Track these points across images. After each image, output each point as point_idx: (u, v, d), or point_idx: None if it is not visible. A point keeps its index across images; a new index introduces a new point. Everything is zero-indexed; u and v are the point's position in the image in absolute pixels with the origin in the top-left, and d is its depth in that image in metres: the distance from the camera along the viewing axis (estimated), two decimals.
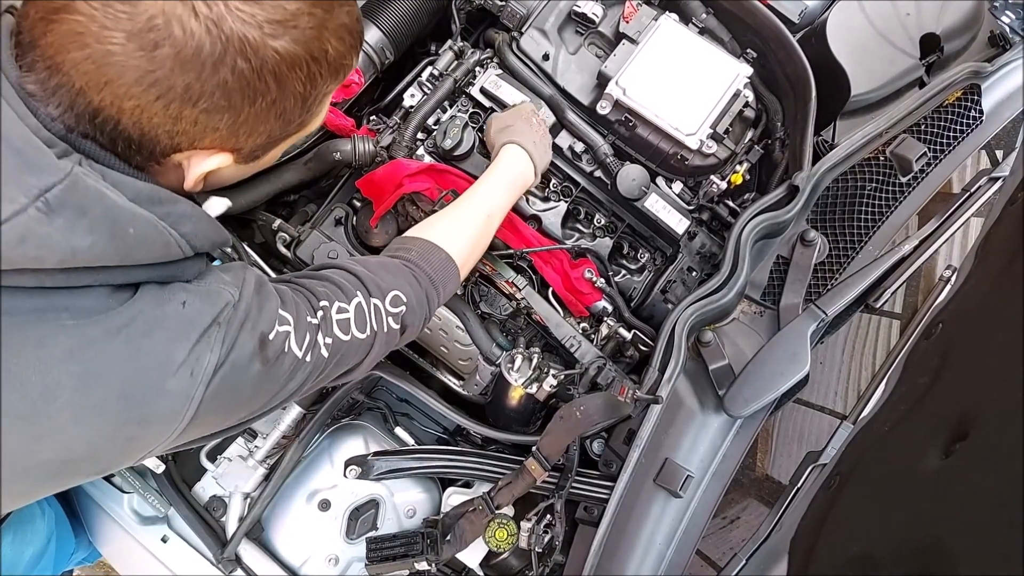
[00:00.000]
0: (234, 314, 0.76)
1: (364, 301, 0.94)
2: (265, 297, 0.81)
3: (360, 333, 0.92)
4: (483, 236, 1.19)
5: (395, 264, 1.04)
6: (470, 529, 1.24)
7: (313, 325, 0.86)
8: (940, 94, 1.47)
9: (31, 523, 1.33)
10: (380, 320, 0.96)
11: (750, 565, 1.21)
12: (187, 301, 0.73)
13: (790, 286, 1.38)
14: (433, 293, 1.06)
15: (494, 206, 1.21)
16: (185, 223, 0.74)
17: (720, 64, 1.39)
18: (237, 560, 1.31)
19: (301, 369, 0.84)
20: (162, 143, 0.72)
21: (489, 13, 1.55)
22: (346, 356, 0.92)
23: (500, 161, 1.27)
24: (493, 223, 1.22)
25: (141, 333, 0.70)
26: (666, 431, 1.30)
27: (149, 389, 0.70)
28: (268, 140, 0.79)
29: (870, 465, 0.95)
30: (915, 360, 1.02)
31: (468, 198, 1.21)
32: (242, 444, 1.41)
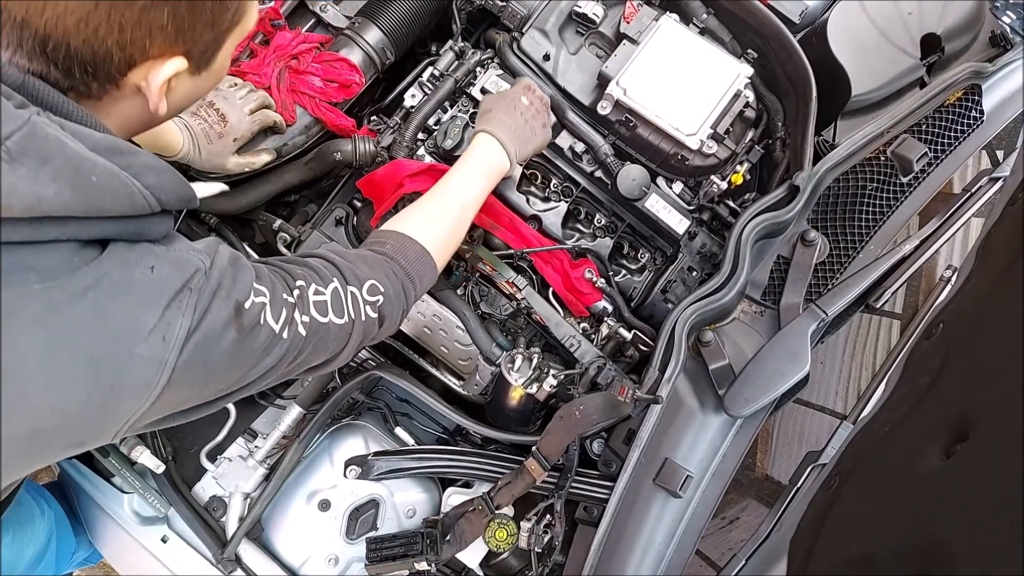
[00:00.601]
0: (206, 281, 0.76)
1: (341, 287, 0.94)
2: (240, 268, 0.81)
3: (338, 318, 0.92)
4: (458, 227, 1.19)
5: (372, 256, 1.05)
6: (470, 529, 1.24)
7: (289, 302, 0.86)
8: (941, 94, 1.47)
9: (31, 523, 1.33)
10: (357, 308, 0.96)
11: (750, 565, 1.21)
12: (155, 266, 0.73)
13: (790, 286, 1.38)
14: (410, 286, 1.07)
15: (467, 197, 1.21)
16: (148, 174, 0.73)
17: (721, 64, 1.39)
18: (237, 560, 1.31)
19: (278, 345, 0.84)
20: (115, 58, 0.71)
21: (490, 13, 1.55)
22: (324, 340, 0.91)
23: (471, 152, 1.27)
24: (467, 214, 1.21)
25: (109, 297, 0.69)
26: (666, 431, 1.30)
27: (119, 354, 0.69)
28: (213, 33, 0.78)
29: (870, 465, 0.95)
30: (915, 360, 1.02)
31: (440, 190, 1.21)
32: (242, 444, 1.41)
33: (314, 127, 1.47)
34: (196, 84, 0.84)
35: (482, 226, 1.43)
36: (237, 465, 1.36)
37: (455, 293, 1.42)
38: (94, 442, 0.77)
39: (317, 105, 1.44)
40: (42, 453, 0.74)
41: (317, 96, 1.44)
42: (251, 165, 1.39)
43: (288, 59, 1.44)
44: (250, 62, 1.46)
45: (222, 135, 1.31)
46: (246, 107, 1.34)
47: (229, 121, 1.31)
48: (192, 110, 1.33)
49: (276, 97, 1.41)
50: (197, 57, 0.79)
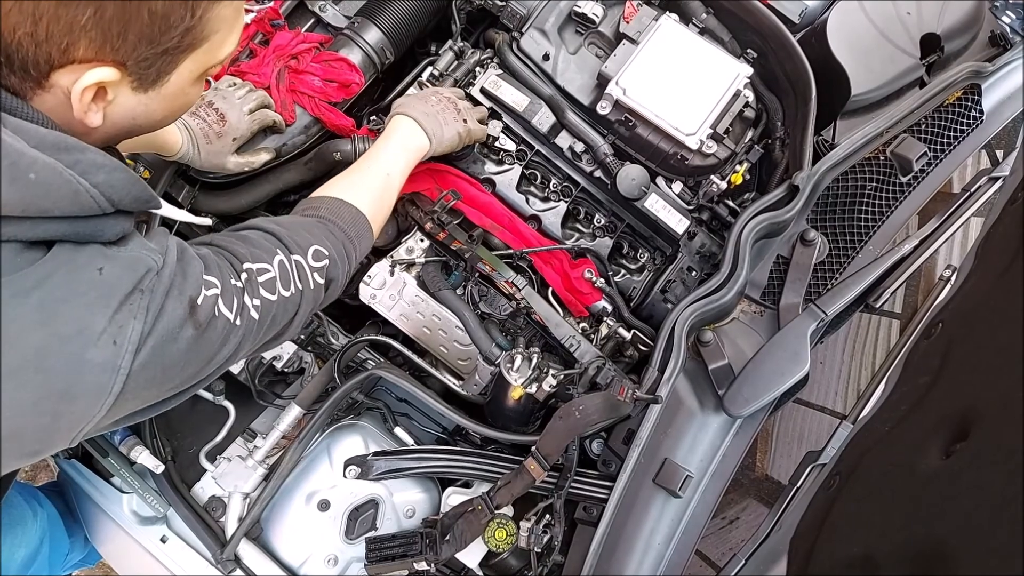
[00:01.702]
0: (158, 281, 0.73)
1: (286, 258, 0.92)
2: (188, 262, 0.78)
3: (285, 291, 0.90)
4: (385, 195, 1.20)
5: (309, 221, 1.03)
6: (469, 529, 1.23)
7: (239, 288, 0.84)
8: (940, 94, 1.46)
9: (22, 525, 1.33)
10: (304, 276, 0.95)
11: (749, 565, 1.21)
12: (104, 267, 0.69)
13: (790, 286, 1.38)
14: (351, 247, 1.06)
15: (391, 165, 1.23)
16: (96, 173, 0.69)
17: (720, 64, 1.39)
18: (236, 560, 1.31)
19: (234, 333, 0.82)
20: (29, 52, 0.67)
21: (489, 13, 1.55)
22: (276, 316, 0.90)
23: (390, 130, 1.29)
24: (393, 183, 1.22)
25: (55, 299, 0.66)
26: (665, 431, 1.30)
27: (69, 360, 0.67)
28: (153, 49, 0.72)
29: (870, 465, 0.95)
30: (915, 360, 1.02)
31: (365, 161, 1.23)
32: (241, 444, 1.41)
33: (313, 127, 1.47)
34: (143, 104, 0.78)
35: (482, 226, 1.43)
36: (236, 465, 1.36)
37: (454, 293, 1.42)
38: (50, 449, 0.74)
39: (316, 105, 1.44)
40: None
41: (316, 96, 1.44)
42: (250, 164, 1.38)
43: (287, 59, 1.44)
44: (249, 62, 1.46)
45: (221, 135, 1.31)
46: (245, 106, 1.33)
47: (228, 120, 1.31)
48: (192, 110, 1.33)
49: (275, 97, 1.41)
50: (138, 72, 0.74)
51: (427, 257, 1.45)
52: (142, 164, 1.38)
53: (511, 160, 1.49)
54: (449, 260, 1.46)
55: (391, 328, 1.45)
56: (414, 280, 1.44)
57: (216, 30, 0.77)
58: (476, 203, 1.44)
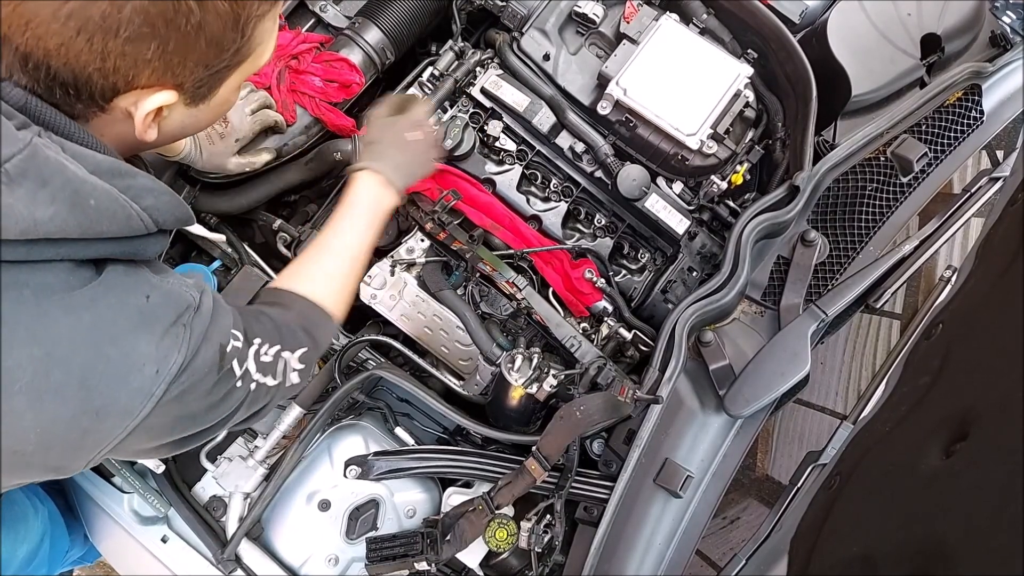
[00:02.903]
0: (197, 318, 0.76)
1: (281, 352, 0.93)
2: (221, 310, 0.81)
3: (272, 380, 0.91)
4: (352, 281, 1.15)
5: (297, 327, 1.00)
6: (470, 529, 1.23)
7: (248, 354, 0.86)
8: (941, 94, 1.47)
9: (24, 521, 1.33)
10: (286, 373, 0.95)
11: (750, 565, 1.21)
12: (151, 295, 0.73)
13: (790, 286, 1.38)
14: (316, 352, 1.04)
15: (360, 245, 1.15)
16: (146, 196, 0.73)
17: (721, 64, 1.39)
18: (237, 560, 1.31)
19: (235, 393, 0.83)
20: (97, 84, 0.70)
21: (490, 13, 1.55)
22: (256, 399, 0.90)
23: (358, 195, 1.17)
24: (360, 264, 1.16)
25: (106, 320, 0.68)
26: (666, 431, 1.30)
27: (112, 380, 0.69)
28: (208, 72, 0.77)
29: (870, 465, 0.95)
30: (915, 360, 1.02)
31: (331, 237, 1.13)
32: (242, 444, 1.41)
33: (314, 127, 1.47)
34: (193, 115, 0.83)
35: (482, 226, 1.43)
36: (237, 465, 1.36)
37: (455, 293, 1.42)
38: (70, 468, 0.75)
39: (317, 105, 1.44)
40: (19, 474, 0.73)
41: (317, 96, 1.44)
42: (251, 165, 1.39)
43: (288, 59, 1.44)
44: None
45: (224, 135, 1.31)
46: (247, 107, 1.34)
47: (230, 122, 1.32)
48: None
49: (276, 97, 1.41)
50: (191, 91, 0.78)
51: (428, 257, 1.45)
52: (143, 164, 1.38)
53: (512, 160, 1.49)
54: (450, 260, 1.46)
55: (392, 328, 1.46)
56: (415, 280, 1.44)
57: (260, 42, 0.80)
58: (477, 203, 1.44)
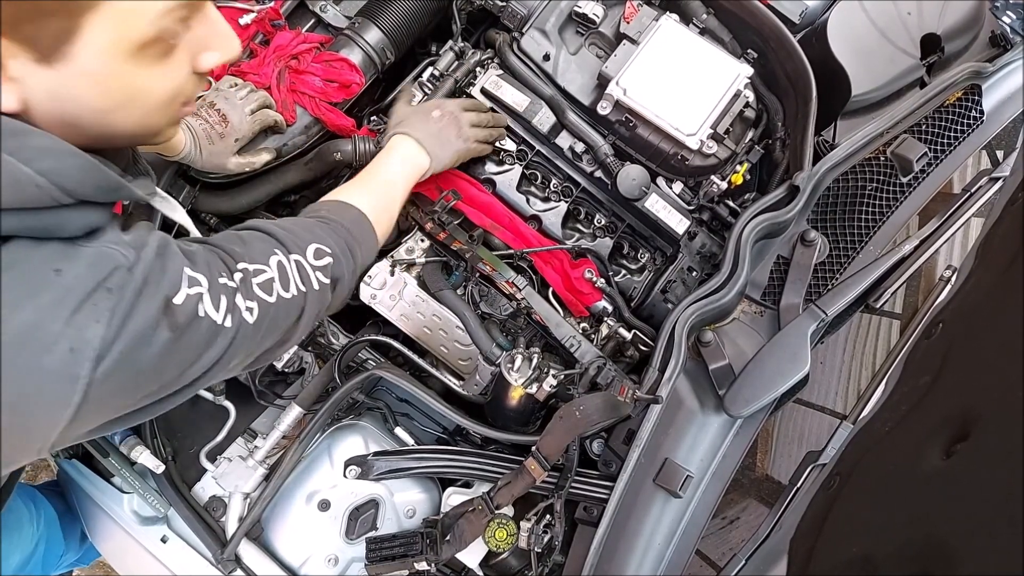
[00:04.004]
0: (129, 278, 0.67)
1: (285, 258, 0.88)
2: (169, 258, 0.72)
3: (286, 292, 0.86)
4: (387, 202, 1.17)
5: (309, 221, 1.00)
6: (470, 529, 1.23)
7: (230, 288, 0.78)
8: (941, 94, 1.47)
9: (19, 529, 1.33)
10: (306, 277, 0.90)
11: (750, 565, 1.21)
12: (63, 268, 0.64)
13: (790, 286, 1.38)
14: (355, 245, 1.02)
15: (393, 175, 1.22)
16: (44, 159, 0.63)
17: (721, 64, 1.39)
18: (237, 560, 1.31)
19: (222, 335, 0.76)
20: None
21: (490, 13, 1.55)
22: (278, 320, 0.85)
23: (390, 149, 1.28)
24: (394, 193, 1.20)
25: (7, 303, 0.61)
26: (666, 431, 1.30)
27: (21, 368, 0.61)
28: (37, 14, 0.62)
29: (870, 465, 0.95)
30: (915, 360, 1.02)
31: (364, 172, 1.21)
32: (242, 444, 1.41)
33: (314, 127, 1.47)
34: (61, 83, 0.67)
35: (482, 226, 1.43)
36: (237, 465, 1.36)
37: (455, 293, 1.42)
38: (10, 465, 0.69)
39: (317, 105, 1.44)
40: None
41: (317, 96, 1.44)
42: (251, 165, 1.38)
43: (288, 59, 1.44)
44: (250, 62, 1.46)
45: (223, 135, 1.31)
46: (247, 107, 1.33)
47: (230, 121, 1.31)
48: (194, 110, 1.33)
49: (276, 97, 1.41)
50: (26, 40, 0.63)
51: (427, 257, 1.45)
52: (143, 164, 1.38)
53: (511, 160, 1.49)
54: (449, 260, 1.46)
55: (391, 328, 1.45)
56: (414, 280, 1.44)
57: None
58: (476, 203, 1.44)
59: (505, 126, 1.46)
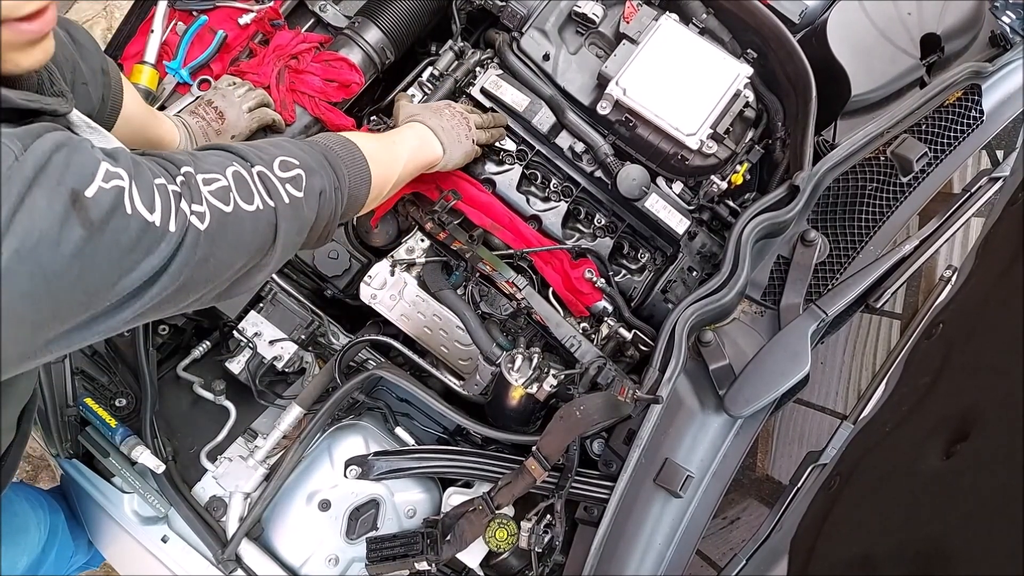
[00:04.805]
0: (16, 168, 0.60)
1: (243, 169, 0.81)
2: (77, 151, 0.66)
3: (248, 204, 0.79)
4: (387, 154, 1.13)
5: (280, 139, 0.94)
6: (470, 529, 1.24)
7: (171, 190, 0.71)
8: (941, 94, 1.47)
9: (24, 532, 1.33)
10: (273, 189, 0.83)
11: (750, 565, 1.21)
12: None
13: (791, 286, 1.38)
14: (337, 161, 0.96)
15: (402, 142, 1.21)
16: None
17: (720, 64, 1.39)
18: (237, 560, 1.31)
19: (164, 240, 0.69)
20: None
21: (489, 13, 1.55)
22: (240, 235, 0.79)
23: (402, 127, 1.28)
24: (399, 154, 1.17)
25: None
26: (666, 431, 1.30)
27: None
28: None
29: (870, 465, 0.95)
30: (916, 360, 1.02)
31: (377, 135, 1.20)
32: (242, 444, 1.41)
33: (314, 127, 1.47)
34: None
35: (482, 226, 1.43)
36: (237, 465, 1.36)
37: (455, 293, 1.42)
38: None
39: (317, 105, 1.44)
40: None
41: (317, 96, 1.44)
42: None
43: (288, 58, 1.44)
44: (249, 61, 1.46)
45: (220, 132, 1.31)
46: (244, 105, 1.34)
47: (227, 118, 1.32)
48: (190, 109, 1.33)
49: (275, 96, 1.41)
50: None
51: (428, 257, 1.45)
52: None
53: (511, 160, 1.49)
54: (450, 260, 1.46)
55: (392, 328, 1.46)
56: (415, 280, 1.44)
57: None
58: (476, 203, 1.44)
59: (505, 126, 1.46)
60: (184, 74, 1.43)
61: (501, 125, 1.45)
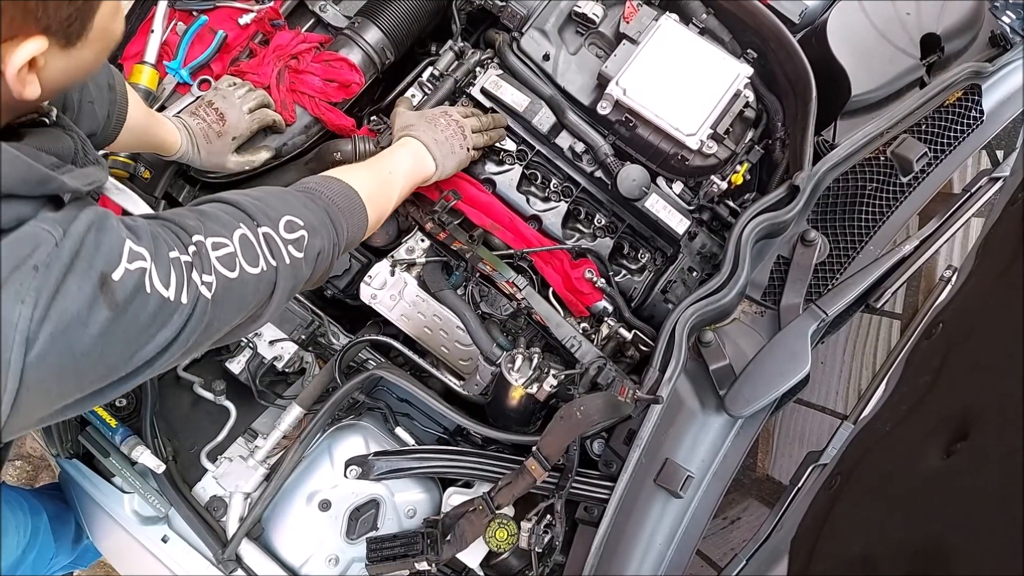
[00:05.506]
0: (56, 255, 0.64)
1: (250, 231, 0.84)
2: (106, 232, 0.70)
3: (252, 268, 0.82)
4: (384, 187, 1.14)
5: (285, 192, 0.96)
6: (470, 529, 1.24)
7: (184, 262, 0.75)
8: (941, 94, 1.47)
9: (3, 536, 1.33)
10: (276, 251, 0.86)
11: (751, 565, 1.21)
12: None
13: (791, 286, 1.38)
14: (339, 217, 0.98)
15: (395, 165, 1.21)
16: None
17: (720, 64, 1.39)
18: (237, 560, 1.31)
19: (177, 313, 0.73)
20: None
21: (489, 13, 1.55)
22: (244, 297, 0.82)
23: (398, 143, 1.28)
24: (394, 180, 1.17)
25: None
26: (666, 431, 1.30)
27: None
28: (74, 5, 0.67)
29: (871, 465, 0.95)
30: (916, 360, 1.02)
31: (371, 159, 1.21)
32: (242, 444, 1.41)
33: (314, 127, 1.47)
34: (73, 58, 0.72)
35: (482, 226, 1.43)
36: (237, 465, 1.36)
37: (455, 293, 1.42)
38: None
39: (317, 105, 1.44)
40: None
41: (317, 96, 1.44)
42: (250, 163, 1.39)
43: (288, 59, 1.44)
44: (249, 62, 1.46)
45: (221, 134, 1.31)
46: (245, 106, 1.34)
47: (228, 120, 1.32)
48: (191, 110, 1.33)
49: (276, 96, 1.41)
50: (62, 32, 0.68)
51: (428, 257, 1.45)
52: (142, 164, 1.38)
53: (512, 160, 1.49)
54: (450, 260, 1.46)
55: (392, 328, 1.46)
56: (415, 280, 1.44)
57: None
58: (477, 203, 1.44)
59: (505, 126, 1.46)
60: (184, 74, 1.43)
61: (501, 126, 1.45)
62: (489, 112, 1.46)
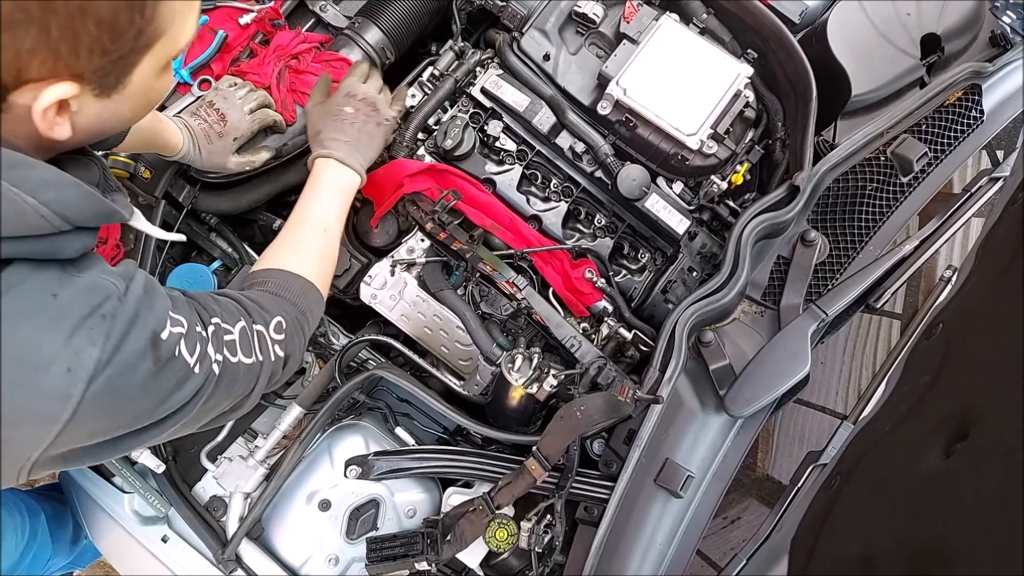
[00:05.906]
0: (121, 307, 0.71)
1: (248, 326, 0.91)
2: (155, 295, 0.77)
3: (246, 358, 0.89)
4: (327, 251, 1.15)
5: (266, 295, 1.01)
6: (470, 529, 1.24)
7: (204, 336, 0.82)
8: (941, 94, 1.47)
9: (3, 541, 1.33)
10: (265, 347, 0.93)
11: (751, 565, 1.21)
12: (59, 293, 0.68)
13: (791, 286, 1.38)
14: (304, 320, 1.04)
15: (326, 218, 1.17)
16: (46, 190, 0.67)
17: (721, 64, 1.39)
18: (237, 560, 1.31)
19: (191, 380, 0.79)
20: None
21: (490, 13, 1.55)
22: (235, 381, 0.88)
23: (316, 178, 1.20)
24: (332, 236, 1.17)
25: (7, 322, 0.64)
26: (666, 431, 1.30)
27: (15, 385, 0.65)
28: (109, 59, 0.69)
29: (871, 465, 0.95)
30: (916, 360, 1.02)
31: (298, 219, 1.16)
32: (242, 444, 1.41)
33: None
34: (110, 108, 0.75)
35: (483, 226, 1.43)
36: (237, 465, 1.36)
37: (455, 293, 1.43)
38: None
39: None
40: None
41: None
42: (251, 164, 1.39)
43: (288, 59, 1.44)
44: (250, 62, 1.46)
45: (222, 134, 1.31)
46: (246, 106, 1.34)
47: (229, 120, 1.32)
48: (192, 110, 1.33)
49: (276, 96, 1.41)
50: (96, 81, 0.71)
51: (428, 257, 1.45)
52: (143, 164, 1.38)
53: (512, 160, 1.49)
54: (450, 260, 1.46)
55: (392, 328, 1.46)
56: (415, 280, 1.44)
57: (170, 23, 0.72)
58: (477, 203, 1.44)
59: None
60: (184, 74, 1.43)
61: None
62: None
